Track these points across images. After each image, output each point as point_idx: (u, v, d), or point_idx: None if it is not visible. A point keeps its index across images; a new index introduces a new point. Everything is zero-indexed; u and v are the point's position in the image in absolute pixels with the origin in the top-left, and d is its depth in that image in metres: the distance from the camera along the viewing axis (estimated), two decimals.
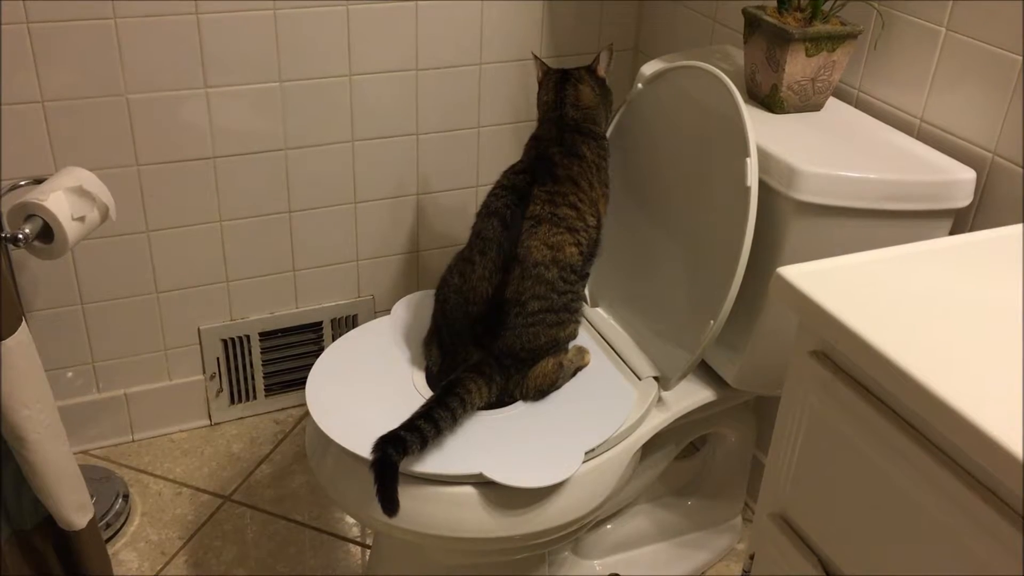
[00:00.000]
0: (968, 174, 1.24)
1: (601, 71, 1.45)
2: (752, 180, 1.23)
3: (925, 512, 0.76)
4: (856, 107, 1.44)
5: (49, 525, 1.35)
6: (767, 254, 1.27)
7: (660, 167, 1.45)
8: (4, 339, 1.17)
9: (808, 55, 1.33)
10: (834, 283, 0.84)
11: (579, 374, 1.39)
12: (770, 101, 1.38)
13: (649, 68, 1.49)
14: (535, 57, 1.51)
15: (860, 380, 0.81)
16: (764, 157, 1.25)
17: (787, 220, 1.24)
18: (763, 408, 1.63)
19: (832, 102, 1.43)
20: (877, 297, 0.83)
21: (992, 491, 0.70)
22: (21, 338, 1.20)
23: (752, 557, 0.99)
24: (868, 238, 1.20)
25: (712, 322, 1.28)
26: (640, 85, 1.48)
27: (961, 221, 1.29)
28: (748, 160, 1.23)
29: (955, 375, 0.72)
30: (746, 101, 1.35)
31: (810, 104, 1.39)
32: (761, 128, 1.30)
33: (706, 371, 1.45)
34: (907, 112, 1.37)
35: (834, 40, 1.33)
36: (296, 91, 1.71)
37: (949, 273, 0.87)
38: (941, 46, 1.30)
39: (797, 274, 0.85)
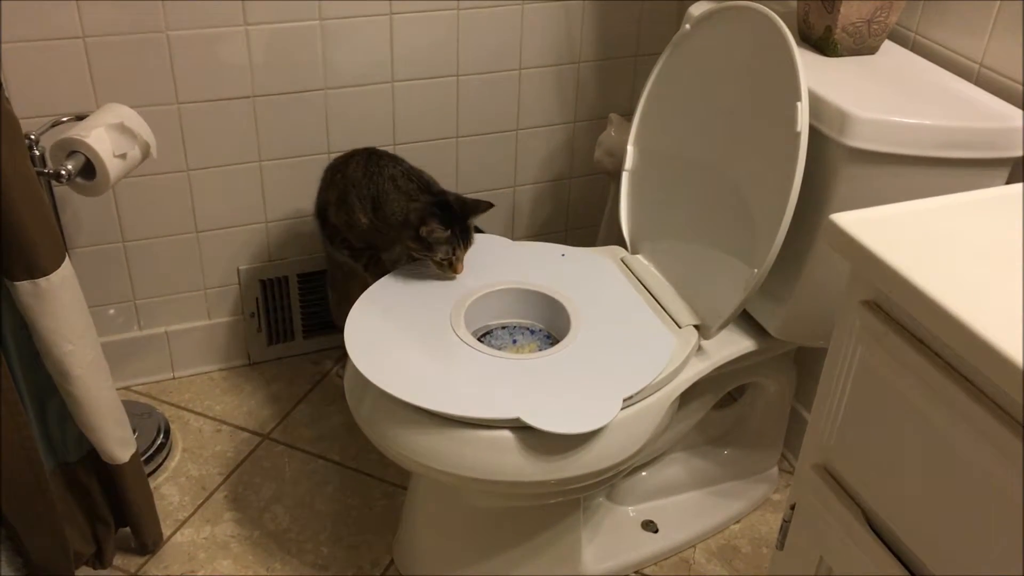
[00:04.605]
0: None
1: None
2: (803, 125, 1.19)
3: (976, 467, 0.74)
4: (912, 51, 1.40)
5: (93, 458, 1.38)
6: (815, 202, 1.24)
7: (707, 111, 1.42)
8: (49, 274, 1.18)
9: None
10: (888, 231, 0.82)
11: (619, 321, 1.37)
12: (823, 43, 1.34)
13: (697, 8, 1.45)
14: None
15: (912, 330, 0.79)
16: (815, 101, 1.22)
17: (837, 167, 1.21)
18: (803, 359, 1.61)
19: (888, 45, 1.38)
20: (932, 246, 0.81)
21: None
22: (65, 273, 1.21)
23: (793, 507, 0.98)
24: (921, 187, 1.17)
25: (756, 271, 1.25)
26: (688, 26, 1.44)
27: (1018, 170, 1.25)
28: (799, 104, 1.19)
29: (1012, 327, 0.70)
30: (798, 43, 1.31)
31: (865, 47, 1.35)
32: (813, 71, 1.26)
33: (748, 320, 1.44)
34: (966, 56, 1.32)
35: None
36: (336, 29, 1.69)
37: (1005, 223, 0.85)
38: None
39: (851, 221, 0.83)
